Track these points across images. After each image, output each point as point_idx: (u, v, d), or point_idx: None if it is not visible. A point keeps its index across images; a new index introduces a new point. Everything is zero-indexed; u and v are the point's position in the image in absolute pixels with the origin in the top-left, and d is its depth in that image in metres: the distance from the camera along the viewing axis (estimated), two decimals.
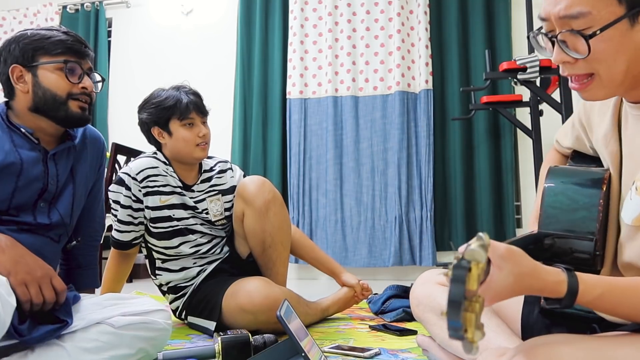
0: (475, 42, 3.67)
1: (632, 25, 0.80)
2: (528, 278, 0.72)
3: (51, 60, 1.28)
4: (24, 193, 1.25)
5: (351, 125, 3.67)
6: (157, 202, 1.79)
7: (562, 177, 0.99)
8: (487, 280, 0.70)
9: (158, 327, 1.29)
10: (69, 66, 1.30)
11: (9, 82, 1.30)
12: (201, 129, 1.83)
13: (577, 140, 1.14)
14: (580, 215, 0.92)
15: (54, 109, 1.29)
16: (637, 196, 0.85)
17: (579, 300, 0.74)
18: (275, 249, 1.84)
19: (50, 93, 1.28)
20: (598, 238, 0.89)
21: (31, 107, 1.29)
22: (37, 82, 1.28)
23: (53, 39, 1.29)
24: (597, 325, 0.95)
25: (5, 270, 1.11)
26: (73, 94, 1.30)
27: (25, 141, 1.29)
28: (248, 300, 1.63)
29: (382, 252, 3.55)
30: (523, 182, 3.63)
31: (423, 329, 1.68)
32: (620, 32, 0.80)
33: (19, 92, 1.30)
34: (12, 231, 1.22)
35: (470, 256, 0.58)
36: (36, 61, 1.28)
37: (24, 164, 1.25)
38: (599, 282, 0.75)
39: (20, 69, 1.28)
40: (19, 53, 1.28)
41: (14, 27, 4.49)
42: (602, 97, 0.88)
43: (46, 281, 1.15)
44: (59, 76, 1.29)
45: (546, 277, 0.73)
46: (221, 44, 4.14)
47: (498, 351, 0.87)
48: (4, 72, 1.30)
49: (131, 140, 3.25)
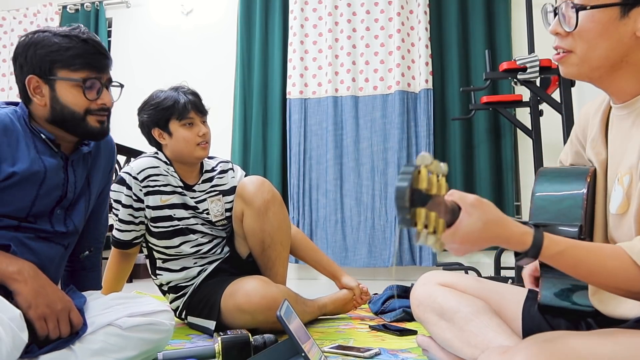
0: (475, 42, 3.66)
1: (622, 16, 0.88)
2: (495, 226, 0.77)
3: (70, 76, 1.23)
4: (43, 201, 1.23)
5: (351, 125, 3.67)
6: (158, 201, 1.79)
7: (550, 174, 1.07)
8: (456, 224, 0.76)
9: (163, 328, 1.29)
10: (88, 84, 1.24)
11: (25, 90, 1.25)
12: (201, 128, 1.82)
13: (576, 155, 1.17)
14: (567, 205, 0.99)
15: (73, 125, 1.26)
16: (619, 186, 0.92)
17: (542, 253, 0.79)
18: (275, 249, 1.84)
19: (69, 110, 1.24)
20: (583, 224, 0.95)
21: (49, 119, 1.25)
22: (55, 97, 1.23)
23: (72, 52, 1.22)
24: (593, 320, 0.98)
25: (26, 302, 1.10)
26: (91, 110, 1.26)
27: (46, 147, 1.25)
28: (246, 300, 1.63)
29: (382, 252, 3.55)
30: (523, 182, 3.63)
31: (423, 329, 1.68)
32: (609, 18, 0.88)
33: (35, 103, 1.24)
34: (29, 239, 1.21)
35: (420, 160, 0.66)
36: (54, 75, 1.22)
37: (47, 172, 1.22)
38: (563, 240, 0.81)
39: (36, 79, 1.22)
40: (36, 62, 1.22)
41: (14, 27, 4.49)
42: (575, 75, 0.95)
43: (64, 315, 1.15)
44: (77, 93, 1.24)
45: (513, 228, 0.79)
46: (221, 44, 4.14)
47: (499, 349, 0.87)
48: (20, 80, 1.25)
49: (131, 140, 3.24)
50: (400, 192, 0.63)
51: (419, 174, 0.65)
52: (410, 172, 0.64)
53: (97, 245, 1.52)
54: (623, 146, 0.94)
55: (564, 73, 0.96)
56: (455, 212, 0.76)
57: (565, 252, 0.80)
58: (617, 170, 0.94)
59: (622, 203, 0.90)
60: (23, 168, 1.18)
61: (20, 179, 1.17)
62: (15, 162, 1.18)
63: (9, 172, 1.16)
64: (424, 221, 0.65)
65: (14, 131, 1.21)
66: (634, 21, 0.88)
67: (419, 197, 0.65)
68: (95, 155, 1.39)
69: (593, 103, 1.10)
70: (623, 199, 0.90)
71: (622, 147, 0.94)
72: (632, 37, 0.88)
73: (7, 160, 1.17)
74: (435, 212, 0.67)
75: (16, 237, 1.19)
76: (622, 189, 0.90)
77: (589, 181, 0.99)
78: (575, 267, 0.82)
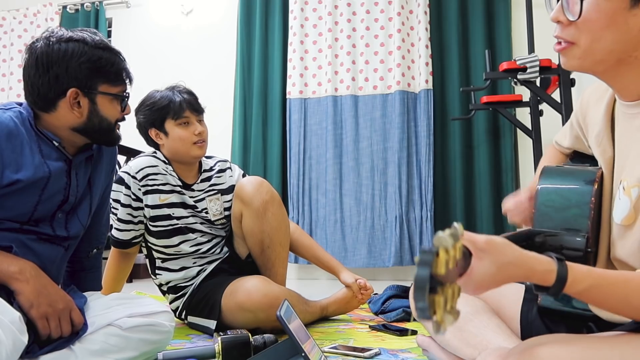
0: (475, 42, 3.66)
1: (633, 6, 0.80)
2: (512, 267, 0.72)
3: (111, 91, 1.26)
4: (45, 205, 1.23)
5: (351, 125, 3.67)
6: (157, 200, 1.79)
7: (555, 177, 1.00)
8: (468, 272, 0.71)
9: (163, 329, 1.29)
10: (124, 97, 1.30)
11: (53, 98, 1.21)
12: (197, 127, 1.82)
13: (576, 140, 1.14)
14: (573, 213, 0.93)
15: (105, 135, 1.29)
16: (625, 196, 0.86)
17: (566, 290, 0.74)
18: (274, 250, 1.84)
19: (106, 122, 1.27)
20: (590, 235, 0.90)
21: (78, 128, 1.25)
22: (95, 110, 1.25)
23: (115, 67, 1.26)
24: (594, 324, 0.96)
25: (28, 302, 1.11)
26: (119, 120, 1.32)
27: (52, 150, 1.24)
28: (247, 298, 1.63)
29: (382, 252, 3.55)
30: (523, 182, 3.63)
31: (423, 329, 1.68)
32: (616, 9, 0.80)
33: (66, 112, 1.22)
34: (31, 241, 1.21)
35: (438, 242, 0.62)
36: (96, 88, 1.24)
37: (51, 177, 1.22)
38: (588, 274, 0.75)
39: (77, 92, 1.22)
40: (80, 75, 1.21)
41: (14, 27, 4.48)
42: (577, 68, 0.88)
43: (66, 314, 1.16)
44: (116, 106, 1.28)
45: (535, 266, 0.73)
46: (221, 44, 4.14)
47: (497, 351, 0.87)
48: (52, 89, 1.20)
49: (131, 140, 3.24)
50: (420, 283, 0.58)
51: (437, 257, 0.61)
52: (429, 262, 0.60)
53: (98, 247, 1.52)
54: (630, 147, 0.90)
55: (565, 65, 0.89)
56: (466, 256, 0.71)
57: (589, 290, 0.75)
58: (622, 175, 0.90)
59: (629, 215, 0.86)
60: (28, 175, 1.17)
61: (24, 186, 1.17)
62: (19, 169, 1.17)
63: (13, 179, 1.15)
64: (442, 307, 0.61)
65: (18, 136, 1.19)
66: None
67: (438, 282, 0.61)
68: (97, 157, 1.39)
69: (595, 90, 1.04)
70: (630, 211, 0.86)
71: (629, 148, 0.90)
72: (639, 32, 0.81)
73: (11, 166, 1.16)
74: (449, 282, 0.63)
75: (18, 238, 1.19)
76: (628, 199, 0.86)
77: (597, 188, 0.94)
78: (600, 305, 0.78)
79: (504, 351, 0.86)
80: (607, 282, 0.75)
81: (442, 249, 0.61)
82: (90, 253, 1.46)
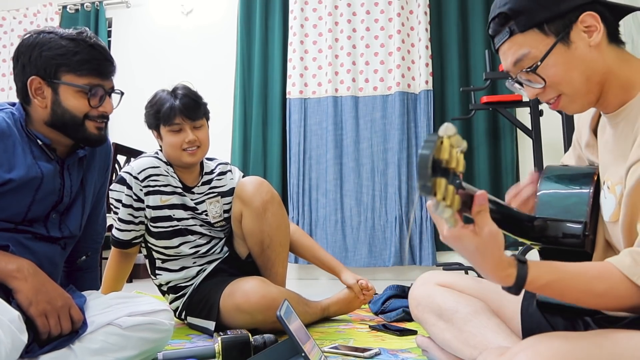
0: (475, 42, 3.67)
1: (568, 46, 0.91)
2: (484, 262, 0.76)
3: (75, 82, 1.21)
4: (39, 206, 1.23)
5: (351, 126, 3.67)
6: (158, 201, 1.79)
7: (557, 171, 1.08)
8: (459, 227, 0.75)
9: (163, 328, 1.29)
10: (92, 91, 1.24)
11: (25, 90, 1.23)
12: (188, 135, 1.77)
13: (579, 159, 1.17)
14: (572, 201, 0.99)
15: (72, 130, 1.25)
16: (610, 194, 0.92)
17: (526, 287, 0.78)
18: (274, 250, 1.84)
19: (69, 114, 1.23)
20: (588, 221, 0.94)
21: (48, 122, 1.24)
22: (57, 101, 1.22)
23: (79, 57, 1.21)
24: (591, 318, 0.98)
25: (27, 299, 1.10)
26: (90, 115, 1.25)
27: (42, 152, 1.24)
28: (245, 299, 1.63)
29: (382, 252, 3.55)
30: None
31: (423, 329, 1.68)
32: (561, 55, 0.91)
33: (35, 104, 1.23)
34: (27, 239, 1.21)
35: (443, 130, 0.67)
36: (58, 78, 1.21)
37: (44, 178, 1.22)
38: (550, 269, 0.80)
39: (39, 81, 1.21)
40: (40, 64, 1.20)
41: (14, 27, 4.49)
42: (579, 109, 0.98)
43: (65, 312, 1.15)
44: (81, 98, 1.23)
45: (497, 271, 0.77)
46: (221, 44, 4.14)
47: (498, 350, 0.88)
48: (20, 79, 1.23)
49: (131, 140, 3.25)
50: (423, 159, 0.64)
51: (441, 144, 0.66)
52: (433, 141, 0.65)
53: (94, 247, 1.52)
54: (614, 151, 0.95)
55: (570, 113, 0.99)
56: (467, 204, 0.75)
57: (548, 285, 0.79)
58: (606, 176, 0.95)
59: (615, 211, 0.90)
60: (20, 175, 1.17)
61: (17, 186, 1.17)
62: (12, 169, 1.17)
63: (5, 178, 1.15)
64: (443, 192, 0.65)
65: (11, 136, 1.19)
66: (579, 39, 0.90)
67: (440, 168, 0.66)
68: (90, 157, 1.39)
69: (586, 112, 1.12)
70: (616, 207, 0.90)
71: (613, 153, 0.96)
72: (591, 50, 0.91)
73: (3, 166, 1.16)
74: (453, 186, 0.67)
75: (14, 237, 1.19)
76: (614, 197, 0.91)
77: (595, 180, 1.00)
78: (562, 297, 0.82)
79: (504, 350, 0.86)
80: (566, 275, 0.80)
81: (445, 137, 0.66)
82: (79, 260, 1.45)
